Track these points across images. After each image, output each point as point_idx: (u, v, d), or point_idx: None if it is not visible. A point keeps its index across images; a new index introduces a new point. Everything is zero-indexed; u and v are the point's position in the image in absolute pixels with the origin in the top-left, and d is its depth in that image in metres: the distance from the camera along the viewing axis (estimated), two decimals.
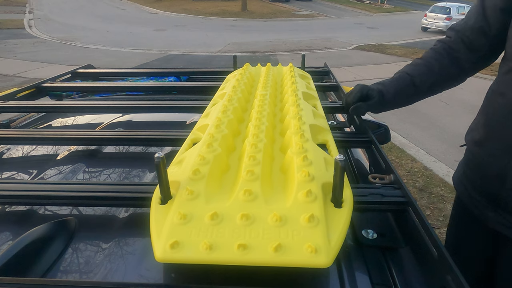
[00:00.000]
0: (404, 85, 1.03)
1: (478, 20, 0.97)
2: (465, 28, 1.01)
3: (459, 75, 1.07)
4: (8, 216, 0.71)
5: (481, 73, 5.16)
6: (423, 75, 1.04)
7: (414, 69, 1.05)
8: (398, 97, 1.03)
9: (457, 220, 1.20)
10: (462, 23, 1.04)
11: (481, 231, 1.04)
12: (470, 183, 1.06)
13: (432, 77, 1.04)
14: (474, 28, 0.98)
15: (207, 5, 22.93)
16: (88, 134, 0.96)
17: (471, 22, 0.99)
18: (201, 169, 0.59)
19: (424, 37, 14.08)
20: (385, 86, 1.03)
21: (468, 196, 1.06)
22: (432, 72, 1.04)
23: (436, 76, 1.04)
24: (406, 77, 1.04)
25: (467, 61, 1.03)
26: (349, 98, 1.01)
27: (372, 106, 1.00)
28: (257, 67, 1.45)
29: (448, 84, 1.08)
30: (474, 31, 0.98)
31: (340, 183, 0.53)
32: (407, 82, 1.03)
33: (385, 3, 26.87)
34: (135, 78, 1.68)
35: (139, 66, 8.28)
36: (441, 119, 5.10)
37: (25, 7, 19.21)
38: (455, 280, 0.46)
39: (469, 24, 1.00)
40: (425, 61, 1.06)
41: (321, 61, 2.30)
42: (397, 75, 1.07)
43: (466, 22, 1.02)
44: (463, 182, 1.10)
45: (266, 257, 0.45)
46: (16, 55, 9.50)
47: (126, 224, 0.68)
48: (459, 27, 1.04)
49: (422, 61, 1.07)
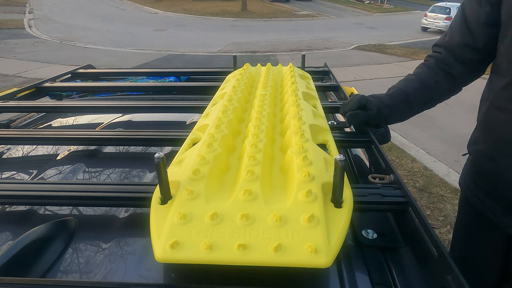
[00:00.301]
0: (400, 101, 1.01)
1: (464, 37, 0.97)
2: (452, 45, 1.01)
3: (454, 88, 1.07)
4: (8, 216, 0.71)
5: None
6: (417, 91, 1.02)
7: (409, 85, 1.04)
8: (393, 113, 1.01)
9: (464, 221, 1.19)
10: (447, 39, 1.03)
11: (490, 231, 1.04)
12: (483, 193, 1.04)
13: (427, 93, 1.04)
14: (461, 45, 0.98)
15: (207, 5, 22.94)
16: (88, 134, 0.96)
17: (457, 39, 0.99)
18: (201, 169, 0.59)
19: (424, 37, 14.09)
20: (381, 101, 0.99)
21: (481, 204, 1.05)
22: (427, 89, 1.03)
23: (431, 92, 1.04)
24: (401, 93, 1.02)
25: (461, 74, 1.02)
26: (347, 108, 0.98)
27: (371, 117, 0.96)
28: (257, 67, 1.45)
29: (444, 97, 1.08)
30: (462, 47, 0.98)
31: (340, 183, 0.53)
32: (403, 99, 1.01)
33: (385, 3, 26.87)
34: (135, 78, 1.68)
35: (139, 66, 8.28)
36: (441, 119, 5.10)
37: (25, 7, 19.22)
38: (455, 280, 0.46)
39: (456, 41, 1.00)
40: (419, 77, 1.05)
41: (321, 61, 2.30)
42: (392, 90, 1.04)
43: (451, 39, 1.01)
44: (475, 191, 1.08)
45: (266, 257, 0.45)
46: (16, 55, 9.51)
47: (126, 224, 0.68)
48: (446, 44, 1.03)
49: (416, 78, 1.05)
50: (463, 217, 1.21)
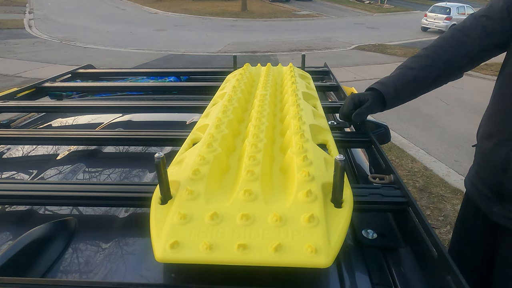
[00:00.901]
0: (405, 81, 1.00)
1: (510, 0, 0.93)
2: (491, 10, 0.97)
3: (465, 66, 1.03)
4: (8, 216, 0.71)
5: (481, 73, 5.22)
6: (426, 67, 1.00)
7: (417, 61, 1.02)
8: (400, 95, 1.00)
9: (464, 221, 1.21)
10: (488, 7, 0.99)
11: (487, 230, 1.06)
12: (478, 178, 1.07)
13: (436, 69, 1.00)
14: (503, 9, 0.94)
15: (207, 5, 22.93)
16: (88, 134, 0.96)
17: (500, 3, 0.95)
18: (201, 169, 0.59)
19: (424, 37, 14.08)
20: (384, 85, 0.99)
21: (476, 191, 1.08)
22: (437, 64, 1.00)
23: (441, 68, 1.01)
24: (407, 72, 1.01)
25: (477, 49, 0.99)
26: (344, 109, 0.98)
27: (372, 108, 0.96)
28: (257, 67, 1.45)
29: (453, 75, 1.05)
30: (503, 11, 0.94)
31: (340, 183, 0.53)
32: (409, 78, 1.00)
33: (385, 3, 26.86)
34: (135, 78, 1.68)
35: (139, 66, 8.28)
36: (441, 119, 5.10)
37: (25, 7, 19.20)
38: (455, 280, 0.46)
39: (499, 5, 0.95)
40: (430, 51, 1.02)
41: (321, 61, 2.30)
42: (398, 70, 1.03)
43: (493, 5, 0.98)
44: (473, 180, 1.11)
45: (266, 257, 0.45)
46: (16, 55, 9.50)
47: (126, 224, 0.68)
48: (482, 12, 1.00)
49: (426, 52, 1.03)
50: (461, 215, 1.23)
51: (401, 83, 0.99)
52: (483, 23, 0.98)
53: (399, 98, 1.01)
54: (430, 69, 1.00)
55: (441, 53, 1.00)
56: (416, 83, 1.01)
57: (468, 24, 1.01)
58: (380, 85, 1.00)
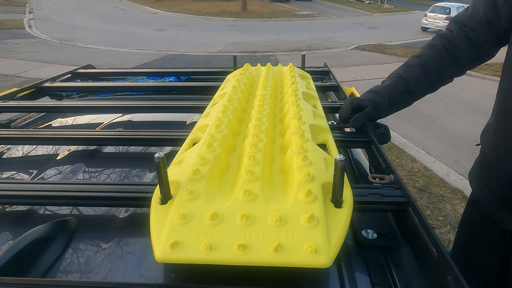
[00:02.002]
0: (399, 91, 1.00)
1: (488, 12, 0.93)
2: (471, 21, 0.97)
3: (456, 73, 1.05)
4: (8, 216, 0.71)
5: (481, 73, 5.22)
6: (418, 78, 1.00)
7: (409, 71, 1.02)
8: (393, 105, 1.00)
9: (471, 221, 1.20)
10: (468, 15, 0.99)
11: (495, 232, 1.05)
12: (486, 185, 1.05)
13: (428, 80, 1.02)
14: (483, 21, 0.94)
15: (207, 5, 22.93)
16: (88, 134, 0.96)
17: (479, 15, 0.95)
18: (201, 169, 0.59)
19: (424, 37, 14.07)
20: (378, 95, 0.99)
21: (484, 198, 1.07)
22: (429, 75, 1.01)
23: (433, 79, 1.02)
24: (400, 82, 1.00)
25: (467, 58, 1.01)
26: (343, 113, 0.98)
27: (370, 114, 0.96)
28: (257, 67, 1.45)
29: (444, 83, 1.06)
30: (483, 24, 0.95)
31: (340, 183, 0.53)
32: (402, 88, 1.00)
33: (385, 3, 26.87)
34: (135, 78, 1.68)
35: (139, 66, 8.28)
36: (441, 119, 5.10)
37: (25, 7, 19.20)
38: (455, 280, 0.46)
39: (478, 17, 0.96)
40: (422, 61, 1.02)
41: (321, 61, 2.30)
42: (391, 80, 1.02)
43: (472, 15, 0.98)
44: (479, 184, 1.09)
45: (266, 257, 0.45)
46: (16, 55, 9.50)
47: (126, 224, 0.68)
48: (464, 20, 0.99)
49: (418, 61, 1.03)
50: (467, 214, 1.21)
51: (394, 94, 1.00)
52: (467, 34, 0.99)
53: (393, 109, 1.02)
54: (423, 80, 1.02)
55: (433, 63, 1.01)
56: (409, 94, 1.02)
57: (455, 34, 1.01)
58: (375, 95, 1.00)
